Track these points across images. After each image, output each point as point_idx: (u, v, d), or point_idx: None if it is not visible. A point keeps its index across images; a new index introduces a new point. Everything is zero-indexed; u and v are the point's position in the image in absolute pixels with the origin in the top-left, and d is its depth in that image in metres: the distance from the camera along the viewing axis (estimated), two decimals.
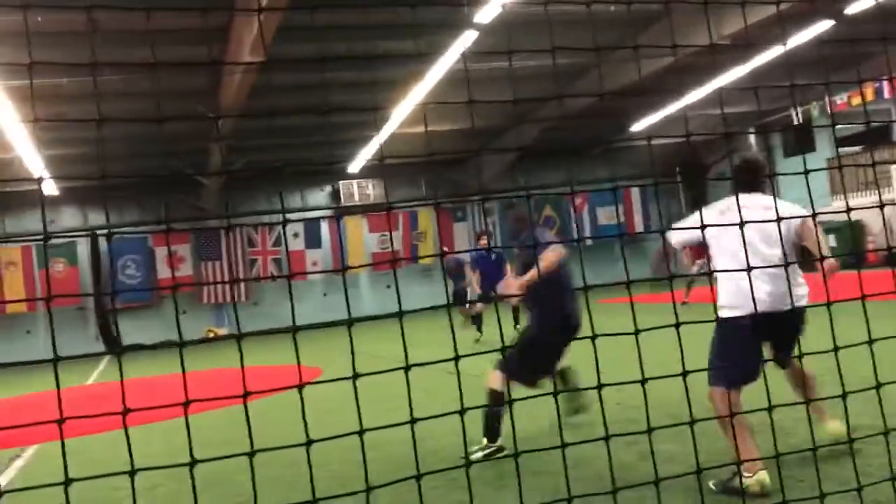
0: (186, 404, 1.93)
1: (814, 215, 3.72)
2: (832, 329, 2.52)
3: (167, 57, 12.71)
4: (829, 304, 2.53)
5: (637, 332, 2.30)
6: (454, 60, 13.27)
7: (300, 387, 2.02)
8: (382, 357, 10.75)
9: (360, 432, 2.01)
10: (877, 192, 18.98)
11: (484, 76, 15.45)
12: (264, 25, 10.56)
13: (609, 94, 15.85)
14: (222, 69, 13.51)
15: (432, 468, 2.47)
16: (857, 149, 22.67)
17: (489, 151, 23.78)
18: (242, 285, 22.98)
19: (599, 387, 2.25)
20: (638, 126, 22.53)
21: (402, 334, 2.17)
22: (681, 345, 2.33)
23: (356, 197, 24.31)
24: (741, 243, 3.07)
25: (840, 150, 23.11)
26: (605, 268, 25.92)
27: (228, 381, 9.83)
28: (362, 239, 24.61)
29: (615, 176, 25.42)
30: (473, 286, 12.99)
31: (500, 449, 5.02)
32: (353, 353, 2.03)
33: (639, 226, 27.22)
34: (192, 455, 1.93)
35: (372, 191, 24.57)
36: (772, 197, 4.01)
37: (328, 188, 24.87)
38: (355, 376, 2.05)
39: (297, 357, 2.02)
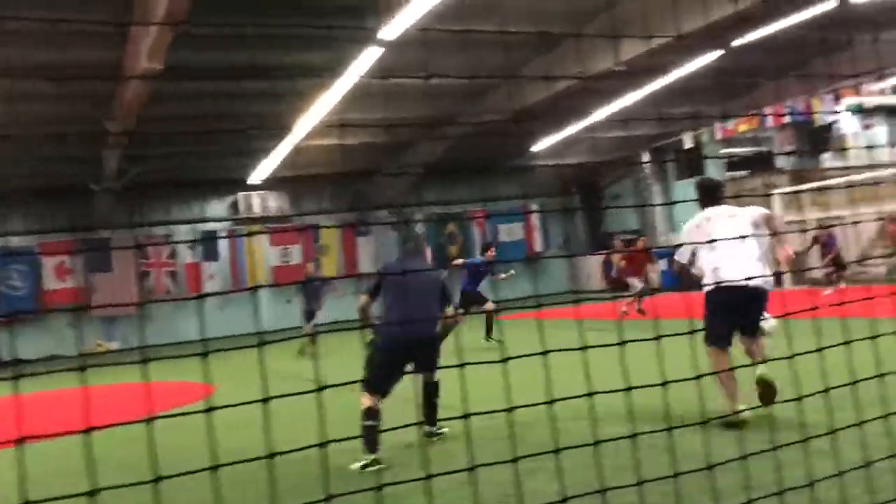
0: (88, 431, 1.82)
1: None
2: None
3: (63, 60, 12.20)
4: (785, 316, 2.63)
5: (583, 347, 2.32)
6: (360, 75, 13.24)
7: (205, 410, 1.94)
8: (286, 375, 10.59)
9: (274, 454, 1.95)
10: None
11: (391, 90, 15.47)
12: (162, 33, 10.27)
13: (489, 122, 16.11)
14: (119, 73, 13.05)
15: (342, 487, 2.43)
16: (743, 173, 23.79)
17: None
18: (133, 299, 22.11)
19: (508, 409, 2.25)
20: (539, 146, 23.00)
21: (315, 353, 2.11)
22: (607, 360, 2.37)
23: (256, 209, 23.85)
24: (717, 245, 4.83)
25: (728, 173, 24.26)
26: (507, 284, 26.25)
27: (121, 397, 9.43)
28: (262, 252, 24.12)
29: (517, 194, 25.86)
30: None
31: (377, 461, 5.04)
32: (263, 372, 1.97)
33: (539, 244, 27.71)
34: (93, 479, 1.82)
35: (273, 203, 24.16)
36: (734, 207, 4.94)
37: (228, 199, 24.33)
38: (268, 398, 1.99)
39: (202, 373, 1.94)
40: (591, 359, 2.40)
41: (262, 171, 20.94)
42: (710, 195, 5.69)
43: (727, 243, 4.85)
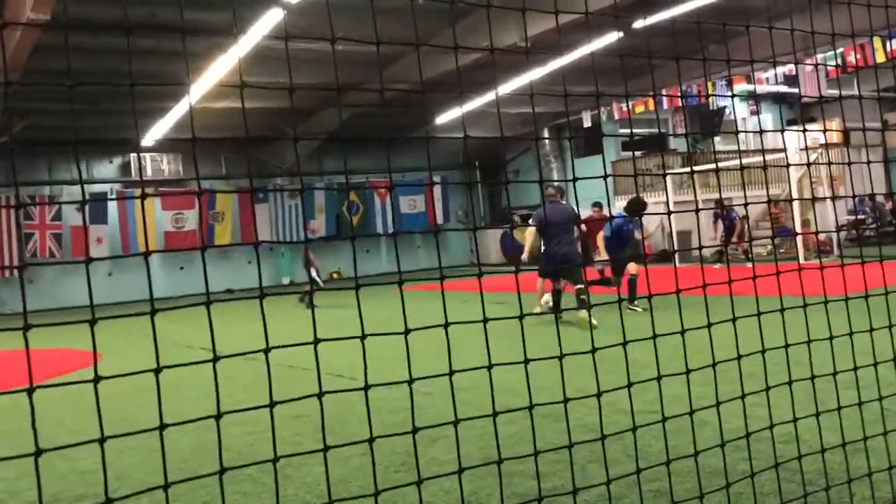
0: None
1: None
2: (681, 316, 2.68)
3: None
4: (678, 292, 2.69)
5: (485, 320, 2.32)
6: (260, 37, 12.87)
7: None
8: (179, 342, 10.31)
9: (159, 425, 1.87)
10: (655, 194, 20.60)
11: (293, 55, 15.08)
12: None
13: (398, 90, 16.00)
14: None
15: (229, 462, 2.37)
16: (638, 153, 24.50)
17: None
18: (13, 261, 20.98)
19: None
20: (442, 118, 23.00)
21: (210, 323, 2.03)
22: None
23: (149, 171, 22.96)
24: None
25: (623, 153, 24.91)
26: (404, 256, 26.33)
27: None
28: (154, 216, 23.28)
29: (419, 165, 25.82)
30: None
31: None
32: (155, 340, 1.88)
33: (440, 216, 27.82)
34: None
35: (166, 166, 23.32)
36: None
37: (118, 160, 23.35)
38: (158, 368, 1.90)
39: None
40: (493, 331, 2.41)
41: (155, 132, 20.14)
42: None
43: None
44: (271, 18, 12.26)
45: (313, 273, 14.92)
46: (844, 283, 3.10)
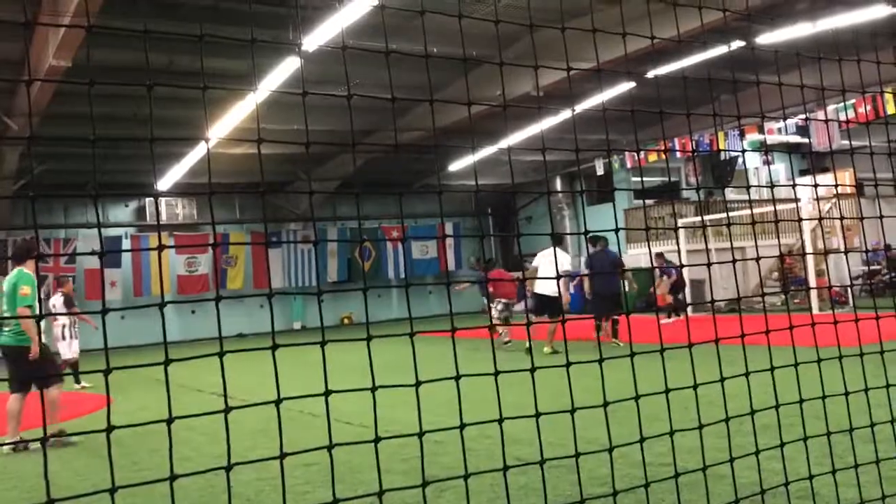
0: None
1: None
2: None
3: None
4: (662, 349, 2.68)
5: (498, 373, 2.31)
6: (277, 85, 13.07)
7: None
8: (191, 387, 10.29)
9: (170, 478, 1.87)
10: (665, 242, 20.58)
11: (308, 102, 15.28)
12: (72, 30, 9.91)
13: (403, 147, 16.18)
14: (23, 68, 12.52)
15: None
16: (650, 202, 24.53)
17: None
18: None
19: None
20: (456, 165, 23.17)
21: (222, 370, 2.04)
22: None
23: (164, 216, 23.19)
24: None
25: (636, 201, 24.97)
26: (415, 301, 26.31)
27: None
28: (168, 260, 23.42)
29: (432, 212, 25.96)
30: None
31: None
32: (168, 389, 1.89)
33: (451, 262, 27.84)
34: None
35: (181, 210, 23.55)
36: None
37: (133, 204, 23.60)
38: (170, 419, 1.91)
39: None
40: (504, 379, 2.40)
41: (171, 176, 20.38)
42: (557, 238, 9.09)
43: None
44: (289, 66, 12.47)
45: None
46: (859, 335, 3.08)
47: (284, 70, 12.58)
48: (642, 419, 2.60)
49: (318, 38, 11.30)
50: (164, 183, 20.97)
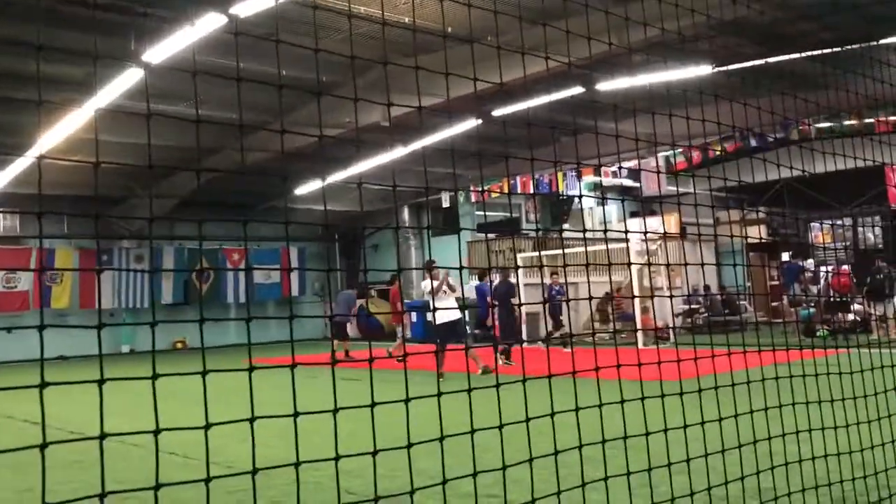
0: None
1: None
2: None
3: None
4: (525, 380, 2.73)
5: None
6: (118, 94, 12.47)
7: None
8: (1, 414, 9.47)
9: None
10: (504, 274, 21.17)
11: (151, 114, 14.65)
12: None
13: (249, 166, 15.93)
14: None
15: None
16: (492, 235, 25.26)
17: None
18: None
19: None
20: (302, 189, 22.90)
21: (101, 402, 1.89)
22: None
23: None
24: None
25: (478, 234, 25.60)
26: (255, 327, 25.61)
27: None
28: None
29: (277, 235, 25.47)
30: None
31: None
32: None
33: (295, 286, 27.40)
34: None
35: (0, 222, 21.87)
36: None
37: None
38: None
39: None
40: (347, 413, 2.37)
41: None
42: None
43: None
44: (131, 77, 11.95)
45: None
46: (680, 372, 3.28)
47: (126, 80, 12.03)
48: (476, 450, 2.64)
49: (163, 50, 10.90)
50: None
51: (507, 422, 2.68)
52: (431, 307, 10.30)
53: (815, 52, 13.58)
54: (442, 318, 11.34)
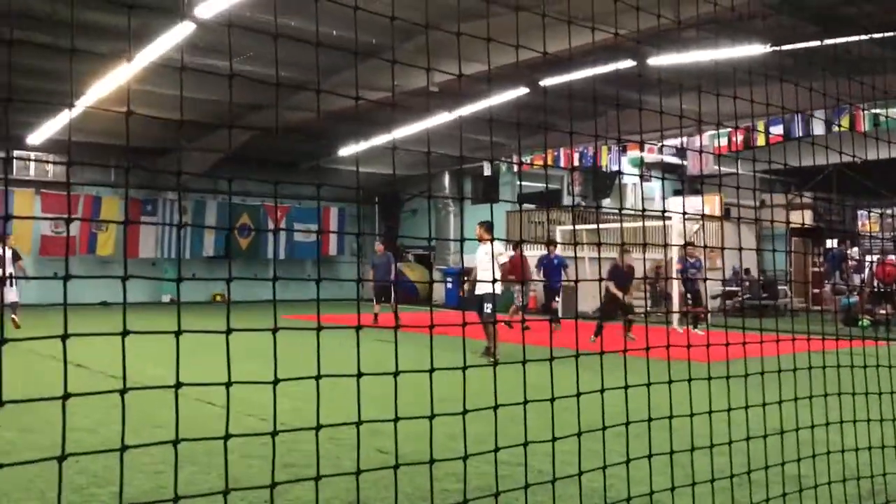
0: None
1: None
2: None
3: None
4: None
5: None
6: (167, 48, 12.57)
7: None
8: (48, 355, 9.77)
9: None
10: (542, 247, 21.10)
11: (199, 70, 14.78)
12: None
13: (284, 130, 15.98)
14: None
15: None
16: (532, 206, 25.13)
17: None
18: None
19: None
20: (346, 150, 22.98)
21: (123, 350, 1.96)
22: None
23: (31, 171, 21.90)
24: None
25: (516, 205, 25.46)
26: (295, 284, 25.90)
27: None
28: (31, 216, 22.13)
29: (317, 195, 25.61)
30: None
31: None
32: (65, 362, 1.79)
33: (333, 246, 27.65)
34: None
35: (51, 168, 22.30)
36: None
37: None
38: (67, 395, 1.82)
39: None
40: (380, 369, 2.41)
41: (43, 131, 19.25)
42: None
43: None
44: (182, 30, 12.03)
45: None
46: (714, 353, 3.27)
47: (176, 34, 12.12)
48: (501, 420, 2.67)
49: (212, 6, 10.94)
50: (35, 136, 19.80)
51: (559, 395, 2.72)
52: (491, 274, 9.86)
53: (877, 35, 13.18)
54: (483, 289, 11.02)
